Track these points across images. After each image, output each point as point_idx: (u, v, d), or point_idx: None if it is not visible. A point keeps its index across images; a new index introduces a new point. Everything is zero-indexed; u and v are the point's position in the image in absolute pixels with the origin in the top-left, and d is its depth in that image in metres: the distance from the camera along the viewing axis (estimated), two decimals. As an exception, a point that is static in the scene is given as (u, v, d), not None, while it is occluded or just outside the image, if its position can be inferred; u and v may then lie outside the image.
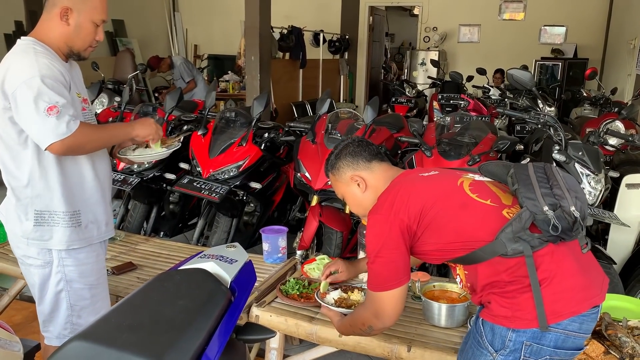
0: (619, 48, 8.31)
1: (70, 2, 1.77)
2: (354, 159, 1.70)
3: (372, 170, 1.69)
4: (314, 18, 9.40)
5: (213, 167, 3.25)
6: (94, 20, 1.81)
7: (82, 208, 1.90)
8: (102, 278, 2.03)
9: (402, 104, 7.19)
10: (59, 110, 1.66)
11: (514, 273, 1.41)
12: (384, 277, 1.52)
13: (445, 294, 2.17)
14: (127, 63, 7.34)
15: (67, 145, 1.69)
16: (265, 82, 6.31)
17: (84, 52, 1.86)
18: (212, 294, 1.19)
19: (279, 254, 2.60)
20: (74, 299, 1.92)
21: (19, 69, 1.70)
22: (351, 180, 1.69)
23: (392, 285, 1.51)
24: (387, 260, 1.50)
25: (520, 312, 1.39)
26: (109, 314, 1.13)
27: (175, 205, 3.90)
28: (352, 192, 1.71)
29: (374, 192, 1.64)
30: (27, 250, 1.88)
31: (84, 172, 1.89)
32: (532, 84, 2.78)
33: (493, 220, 1.44)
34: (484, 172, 1.61)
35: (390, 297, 1.52)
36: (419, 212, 1.48)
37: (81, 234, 1.90)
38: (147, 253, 2.81)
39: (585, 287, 1.42)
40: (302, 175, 3.16)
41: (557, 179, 1.44)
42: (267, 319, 2.11)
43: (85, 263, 1.93)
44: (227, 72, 9.39)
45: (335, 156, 1.74)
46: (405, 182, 1.59)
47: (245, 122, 3.47)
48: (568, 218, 1.36)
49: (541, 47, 9.69)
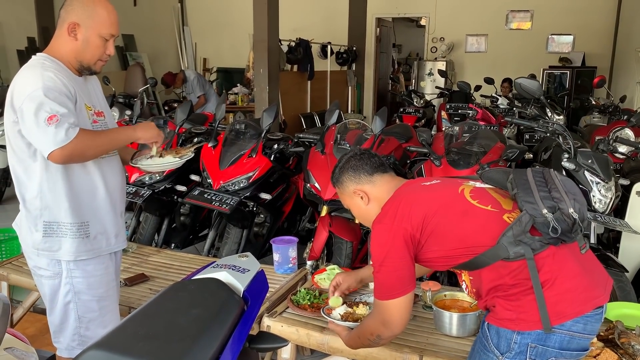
0: (627, 56, 8.29)
1: (78, 17, 1.81)
2: (356, 172, 1.72)
3: (374, 183, 1.71)
4: (322, 30, 9.47)
5: (224, 178, 3.28)
6: (102, 34, 1.84)
7: (91, 219, 1.91)
8: (112, 290, 2.03)
9: (410, 114, 7.20)
10: (59, 119, 1.69)
11: (517, 276, 1.43)
12: (390, 286, 1.54)
13: (456, 303, 2.17)
14: (137, 77, 7.44)
15: (67, 153, 1.71)
16: (274, 94, 6.36)
17: (94, 66, 1.89)
18: (226, 303, 1.21)
19: (290, 265, 2.61)
20: (82, 311, 1.93)
21: (25, 83, 1.75)
22: (354, 194, 1.73)
23: (398, 293, 1.54)
24: (392, 268, 1.53)
25: (524, 314, 1.41)
26: (125, 323, 1.15)
27: (186, 217, 3.93)
28: (357, 204, 1.74)
29: (378, 204, 1.67)
30: (38, 261, 1.91)
31: (94, 184, 1.90)
32: (540, 92, 2.79)
33: (494, 225, 1.47)
34: (485, 178, 1.64)
35: (397, 305, 1.55)
36: (422, 221, 1.51)
37: (89, 245, 1.91)
38: (159, 264, 2.84)
39: (588, 287, 1.44)
40: (311, 186, 3.18)
41: (556, 183, 1.47)
42: (278, 329, 2.11)
43: (93, 275, 1.94)
44: (236, 84, 9.47)
45: (339, 170, 1.77)
46: (407, 191, 1.62)
47: (255, 133, 3.51)
48: (567, 220, 1.39)
49: (549, 55, 9.69)
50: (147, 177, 3.49)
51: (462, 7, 9.94)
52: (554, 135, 2.85)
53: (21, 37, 8.13)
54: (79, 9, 1.82)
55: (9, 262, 2.80)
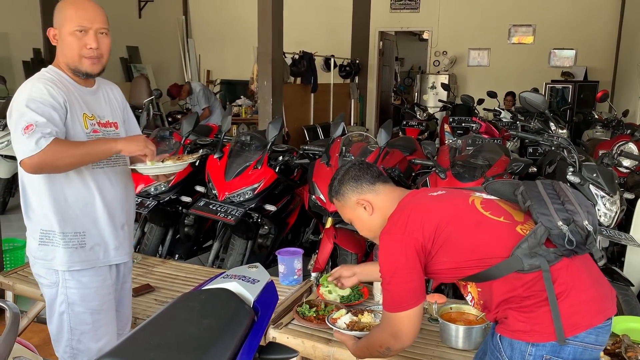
0: (629, 70, 8.33)
1: (55, 23, 1.85)
2: (357, 182, 1.69)
3: (377, 192, 1.68)
4: (325, 43, 9.54)
5: (229, 189, 3.29)
6: (70, 30, 1.81)
7: (89, 230, 1.89)
8: (108, 304, 1.98)
9: (413, 127, 7.23)
10: (34, 128, 1.68)
11: (531, 288, 1.42)
12: (400, 298, 1.52)
13: (462, 315, 2.17)
14: (142, 89, 7.48)
15: (36, 162, 1.68)
16: (278, 107, 6.39)
17: (80, 65, 1.85)
18: (236, 313, 1.21)
19: (295, 276, 2.61)
20: (74, 323, 1.90)
21: (17, 94, 1.78)
22: (357, 205, 1.69)
23: (409, 305, 1.52)
24: (403, 280, 1.51)
25: (538, 326, 1.41)
26: (136, 333, 1.15)
27: (190, 228, 3.93)
28: (360, 216, 1.70)
29: (382, 214, 1.65)
30: (39, 269, 1.91)
31: (91, 194, 1.89)
32: (544, 106, 2.81)
33: (507, 237, 1.46)
34: (490, 190, 1.64)
35: (408, 317, 1.53)
36: (434, 231, 1.49)
37: (84, 256, 1.89)
38: (164, 275, 2.84)
39: (599, 299, 1.45)
40: (317, 198, 3.19)
41: (568, 195, 1.48)
42: (284, 340, 2.11)
43: (88, 287, 1.90)
44: (240, 96, 9.52)
45: (338, 182, 1.73)
46: (416, 201, 1.60)
47: (261, 145, 3.52)
48: (581, 232, 1.40)
49: (551, 70, 9.75)
50: (152, 187, 3.51)
51: (464, 21, 10.02)
52: (559, 148, 2.86)
53: (27, 48, 8.19)
54: (55, 15, 1.86)
55: (14, 272, 2.81)
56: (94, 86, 1.95)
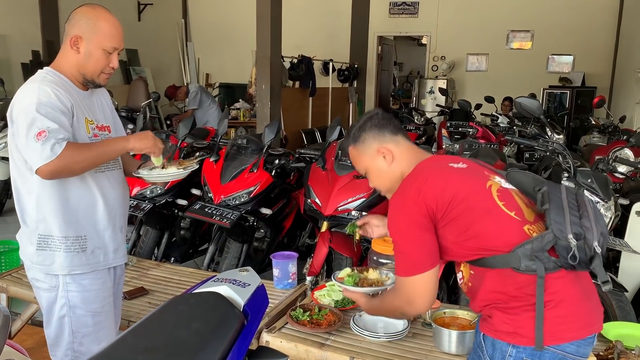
0: (626, 76, 8.36)
1: (80, 30, 1.83)
2: (380, 130, 1.63)
3: (399, 143, 1.63)
4: (324, 47, 9.56)
5: (224, 193, 3.29)
6: (104, 47, 1.84)
7: (89, 234, 1.90)
8: (108, 306, 1.99)
9: (410, 132, 7.24)
10: (47, 135, 1.68)
11: (521, 289, 1.41)
12: (414, 260, 1.45)
13: (455, 320, 2.17)
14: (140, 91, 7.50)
15: (53, 169, 1.69)
16: (276, 110, 6.41)
17: (98, 78, 1.89)
18: (226, 317, 1.21)
19: (289, 280, 2.61)
20: (76, 326, 1.91)
21: (22, 97, 1.77)
22: (377, 153, 1.62)
23: (423, 267, 1.45)
24: (417, 241, 1.45)
25: (521, 330, 1.40)
26: (125, 336, 1.15)
27: (186, 231, 3.93)
28: (378, 166, 1.63)
29: (400, 167, 1.60)
30: (36, 273, 1.91)
31: (93, 198, 1.89)
32: (540, 111, 2.82)
33: (513, 233, 1.44)
34: (511, 179, 1.58)
35: (422, 281, 1.45)
36: (448, 204, 1.44)
37: (85, 259, 1.90)
38: (158, 278, 2.83)
39: (587, 315, 1.44)
40: (312, 201, 3.19)
41: (588, 210, 1.43)
42: (277, 344, 2.10)
43: (89, 289, 1.92)
44: (238, 100, 9.54)
45: (359, 128, 1.65)
46: (435, 168, 1.55)
47: (257, 149, 3.53)
48: (588, 251, 1.36)
49: (549, 75, 9.78)
50: (148, 190, 3.51)
51: (463, 27, 10.05)
52: (554, 154, 2.87)
53: (26, 50, 8.21)
54: (82, 22, 1.83)
55: (8, 273, 2.80)
56: (89, 90, 1.96)
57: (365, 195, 3.11)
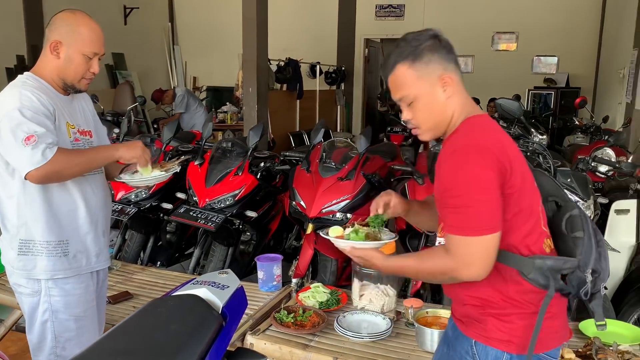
0: (609, 77, 8.47)
1: (60, 35, 1.83)
2: (449, 55, 1.39)
3: (459, 80, 1.41)
4: (311, 50, 9.58)
5: (209, 196, 3.29)
6: (84, 52, 1.85)
7: (71, 238, 1.90)
8: (91, 310, 2.00)
9: (397, 133, 7.29)
10: (36, 139, 1.69)
11: (522, 295, 1.37)
12: (484, 218, 1.28)
13: (438, 320, 2.20)
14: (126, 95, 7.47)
15: (44, 173, 1.71)
16: (263, 113, 6.41)
17: (78, 84, 1.90)
18: (204, 319, 1.22)
19: (274, 282, 2.62)
20: (59, 330, 1.91)
21: (3, 102, 1.76)
22: (439, 80, 1.38)
23: (492, 227, 1.28)
24: (491, 198, 1.28)
25: (516, 338, 1.39)
26: (103, 339, 1.16)
27: (172, 234, 3.92)
28: (434, 96, 1.39)
29: (453, 106, 1.40)
30: (18, 279, 1.90)
31: (75, 203, 1.90)
32: (519, 112, 2.86)
33: (535, 241, 1.39)
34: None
35: (489, 243, 1.29)
36: (510, 178, 1.31)
37: (67, 264, 1.90)
38: (143, 282, 2.83)
39: (567, 323, 1.48)
40: (297, 204, 3.21)
41: (605, 249, 1.41)
42: (261, 346, 2.12)
43: (72, 294, 1.92)
44: (226, 103, 9.52)
45: (425, 46, 1.38)
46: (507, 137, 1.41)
47: (242, 151, 3.54)
48: (592, 287, 1.37)
49: (534, 76, 9.87)
50: (133, 194, 3.50)
51: (448, 29, 9.82)
52: (534, 154, 2.91)
53: (10, 55, 8.12)
54: (62, 27, 1.84)
55: (-9, 279, 2.78)
56: (70, 95, 1.96)
57: (349, 197, 3.14)
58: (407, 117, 1.44)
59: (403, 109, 1.44)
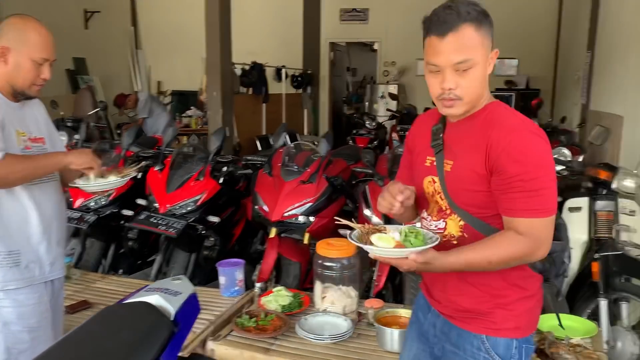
0: (567, 79, 8.73)
1: (8, 41, 1.80)
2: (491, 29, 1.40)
3: None
4: (277, 54, 9.57)
5: (170, 202, 3.26)
6: (33, 58, 1.82)
7: (22, 248, 1.87)
8: (45, 321, 1.95)
9: (362, 136, 7.34)
10: None
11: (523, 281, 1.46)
12: (554, 200, 1.38)
13: (397, 319, 2.23)
14: (87, 101, 7.32)
15: None
16: (228, 117, 6.38)
17: (29, 90, 1.87)
18: (155, 326, 1.21)
19: (236, 287, 2.61)
20: (11, 342, 1.86)
21: None
22: (494, 55, 1.42)
23: (555, 208, 1.39)
24: (555, 182, 1.38)
25: (521, 324, 1.47)
26: (52, 349, 1.14)
27: (133, 242, 3.85)
28: (486, 69, 1.40)
29: (485, 85, 1.43)
30: None
31: (25, 212, 1.86)
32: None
33: None
34: None
35: (553, 222, 1.39)
36: None
37: (19, 274, 1.86)
38: (103, 291, 2.78)
39: None
40: (259, 208, 3.20)
41: None
42: (222, 352, 2.11)
43: (25, 304, 1.88)
44: (190, 107, 9.43)
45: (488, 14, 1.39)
46: None
47: (203, 156, 3.52)
48: None
49: (496, 78, 10.07)
50: (92, 201, 3.43)
51: (412, 33, 10.09)
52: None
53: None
54: (10, 33, 1.81)
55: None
56: (20, 102, 1.92)
57: (311, 200, 3.15)
58: (451, 85, 1.36)
59: (448, 75, 1.36)
